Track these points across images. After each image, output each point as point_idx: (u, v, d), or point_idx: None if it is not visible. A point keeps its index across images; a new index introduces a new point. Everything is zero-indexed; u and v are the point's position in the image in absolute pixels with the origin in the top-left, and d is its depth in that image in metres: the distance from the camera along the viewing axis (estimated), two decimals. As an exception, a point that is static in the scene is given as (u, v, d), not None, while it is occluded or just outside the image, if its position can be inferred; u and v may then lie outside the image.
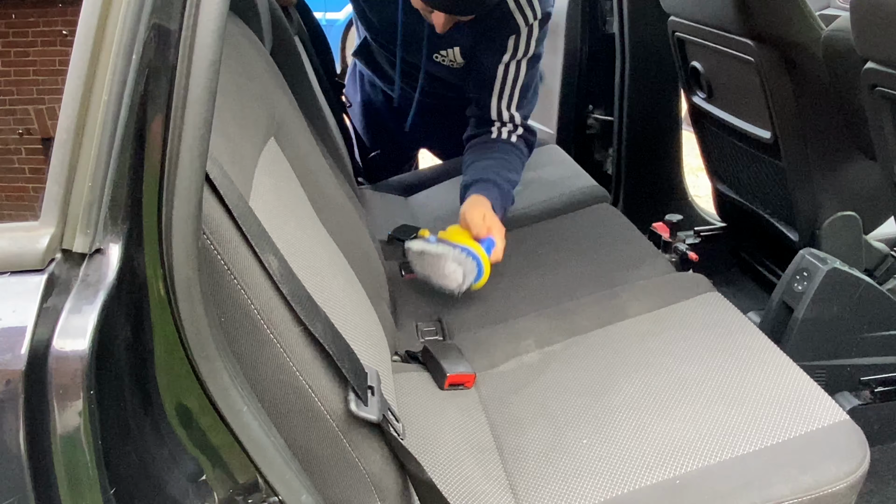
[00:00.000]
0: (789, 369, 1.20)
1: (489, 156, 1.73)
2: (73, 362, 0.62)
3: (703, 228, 2.33)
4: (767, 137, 1.82)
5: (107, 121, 0.64)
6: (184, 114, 0.67)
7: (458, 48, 1.77)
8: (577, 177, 2.04)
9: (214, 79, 0.67)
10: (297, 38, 1.86)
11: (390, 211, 2.00)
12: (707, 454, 1.06)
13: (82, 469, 0.64)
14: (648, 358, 1.28)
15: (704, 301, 1.43)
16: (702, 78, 2.01)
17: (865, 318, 1.64)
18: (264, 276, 0.82)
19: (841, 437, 1.07)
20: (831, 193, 1.83)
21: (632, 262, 1.63)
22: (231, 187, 0.82)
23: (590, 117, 2.56)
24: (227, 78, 1.03)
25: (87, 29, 0.64)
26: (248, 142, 1.05)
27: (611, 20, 2.38)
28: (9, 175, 0.75)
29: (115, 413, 0.66)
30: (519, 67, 1.71)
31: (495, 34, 1.69)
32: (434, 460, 1.11)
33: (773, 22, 1.66)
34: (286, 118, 1.30)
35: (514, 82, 1.72)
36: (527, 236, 1.79)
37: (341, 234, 1.33)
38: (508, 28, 1.68)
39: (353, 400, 0.88)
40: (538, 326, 1.42)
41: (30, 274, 0.64)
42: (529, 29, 1.68)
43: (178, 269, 0.68)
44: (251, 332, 0.82)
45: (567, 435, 1.14)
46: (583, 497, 1.03)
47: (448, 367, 1.29)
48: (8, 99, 0.75)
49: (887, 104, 1.40)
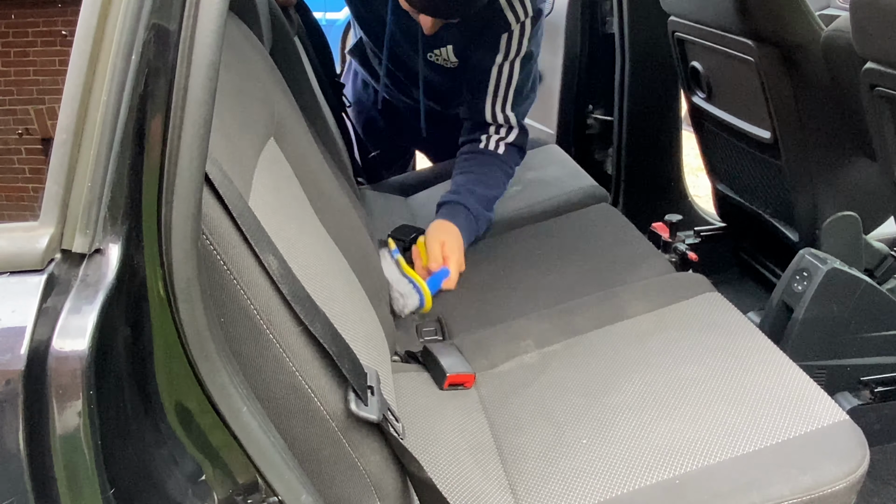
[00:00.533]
0: (789, 369, 1.20)
1: (471, 169, 1.74)
2: (73, 362, 0.62)
3: (703, 228, 2.33)
4: (767, 137, 1.82)
5: (106, 121, 0.64)
6: (183, 114, 0.67)
7: (450, 47, 1.76)
8: (577, 177, 2.04)
9: (214, 79, 0.67)
10: (297, 38, 1.86)
11: (390, 211, 2.00)
12: (707, 454, 1.06)
13: (82, 469, 0.64)
14: (648, 358, 1.28)
15: (704, 301, 1.42)
16: (702, 78, 2.01)
17: (865, 318, 1.64)
18: (264, 276, 0.82)
19: (841, 437, 1.07)
20: (831, 193, 1.83)
21: (632, 262, 1.63)
22: (231, 187, 0.82)
23: (590, 117, 2.56)
24: (227, 78, 1.03)
25: (87, 29, 0.64)
26: (248, 142, 1.05)
27: (611, 20, 2.38)
28: (9, 175, 0.75)
29: (115, 413, 0.66)
30: (513, 68, 1.71)
31: (487, 32, 1.69)
32: (434, 460, 1.11)
33: (773, 22, 1.66)
34: (286, 118, 1.30)
35: (508, 83, 1.72)
36: (527, 236, 1.79)
37: (341, 234, 1.33)
38: (500, 26, 1.67)
39: (352, 400, 0.88)
40: (538, 326, 1.42)
41: (29, 274, 0.64)
42: (521, 27, 1.67)
43: (178, 269, 0.68)
44: (251, 332, 0.82)
45: (567, 435, 1.14)
46: (583, 497, 1.03)
47: (448, 367, 1.29)
48: (8, 99, 0.75)
49: (887, 104, 1.40)
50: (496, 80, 1.72)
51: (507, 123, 1.75)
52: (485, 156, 1.76)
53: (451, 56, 1.78)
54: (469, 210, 1.69)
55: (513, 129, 1.76)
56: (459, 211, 1.68)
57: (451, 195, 1.72)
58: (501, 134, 1.76)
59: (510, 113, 1.74)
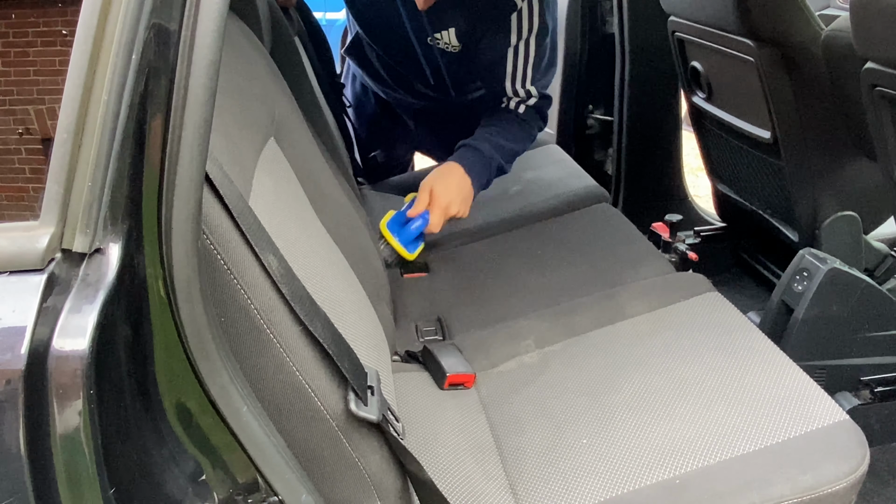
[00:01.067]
0: (789, 369, 1.20)
1: (490, 123, 1.70)
2: (73, 362, 0.62)
3: (703, 228, 2.33)
4: (767, 137, 1.82)
5: (106, 121, 0.64)
6: (183, 114, 0.67)
7: (452, 30, 1.71)
8: (577, 177, 2.05)
9: (214, 79, 0.67)
10: (297, 38, 1.86)
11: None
12: (707, 454, 1.06)
13: (82, 469, 0.64)
14: (648, 358, 1.28)
15: (704, 301, 1.43)
16: (702, 78, 2.01)
17: (865, 318, 1.64)
18: (264, 275, 0.82)
19: (841, 437, 1.07)
20: (831, 193, 1.83)
21: (631, 262, 1.63)
22: (231, 187, 0.82)
23: (589, 117, 2.56)
24: (227, 78, 1.03)
25: (87, 29, 0.64)
26: (248, 142, 1.05)
27: (611, 20, 2.38)
28: (9, 175, 0.75)
29: (115, 413, 0.66)
30: (528, 47, 1.66)
31: (493, 14, 1.64)
32: (434, 460, 1.11)
33: (773, 22, 1.66)
34: (286, 118, 1.30)
35: (526, 62, 1.67)
36: (527, 236, 1.79)
37: (341, 234, 1.33)
38: (506, 6, 1.62)
39: (352, 400, 0.88)
40: (538, 326, 1.42)
41: (29, 273, 0.64)
42: (529, 3, 1.62)
43: (178, 269, 0.68)
44: (251, 332, 0.82)
45: (567, 435, 1.14)
46: (583, 497, 1.03)
47: (448, 367, 1.29)
48: (8, 99, 0.75)
49: (887, 104, 1.40)
50: (513, 62, 1.67)
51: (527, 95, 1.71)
52: (505, 113, 1.71)
53: (454, 40, 1.73)
54: (482, 153, 1.64)
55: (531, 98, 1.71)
56: (470, 153, 1.64)
57: (466, 140, 1.67)
58: (522, 97, 1.71)
59: (531, 87, 1.70)
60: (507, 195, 1.94)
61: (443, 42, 1.76)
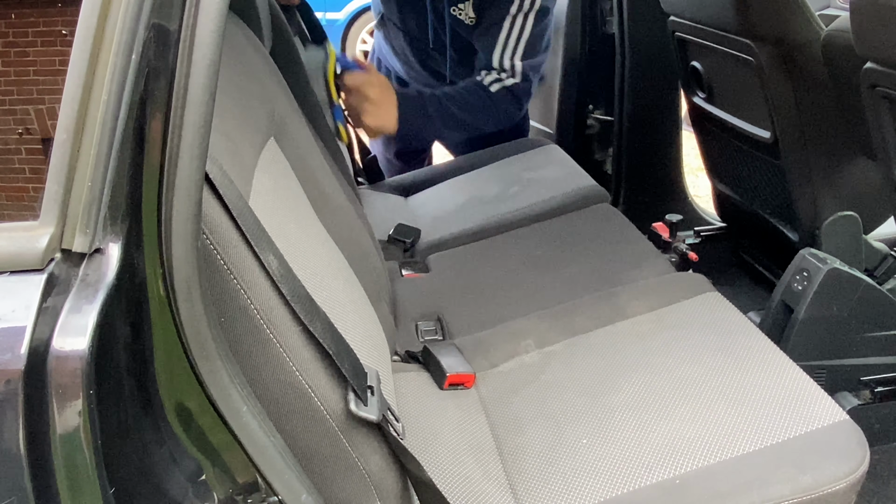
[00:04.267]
0: (789, 369, 1.20)
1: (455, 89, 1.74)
2: (73, 362, 0.62)
3: (703, 228, 2.33)
4: (767, 137, 1.82)
5: (106, 121, 0.64)
6: (183, 114, 0.67)
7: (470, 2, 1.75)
8: (577, 177, 2.04)
9: (214, 79, 0.68)
10: (297, 38, 1.86)
11: (390, 211, 2.00)
12: (707, 454, 1.06)
13: (82, 469, 0.64)
14: (648, 358, 1.28)
15: (704, 301, 1.42)
16: (702, 78, 2.01)
17: (865, 318, 1.64)
18: (264, 275, 0.82)
19: (841, 437, 1.07)
20: (831, 193, 1.83)
21: (632, 262, 1.63)
22: (231, 187, 0.82)
23: (590, 117, 2.55)
24: (227, 78, 1.03)
25: (87, 29, 0.64)
26: (248, 142, 1.05)
27: (611, 20, 2.38)
28: (9, 175, 0.75)
29: (115, 413, 0.66)
30: (525, 20, 1.70)
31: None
32: (434, 460, 1.11)
33: (773, 22, 1.66)
34: (286, 118, 1.30)
35: (520, 35, 1.71)
36: (527, 236, 1.79)
37: (341, 234, 1.33)
38: None
39: (352, 400, 0.88)
40: (538, 326, 1.42)
41: (29, 273, 0.64)
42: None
43: (178, 269, 0.68)
44: (251, 332, 0.82)
45: (567, 435, 1.14)
46: (583, 497, 1.03)
47: (448, 367, 1.29)
48: (8, 99, 0.75)
49: (887, 104, 1.40)
50: (507, 32, 1.71)
51: (511, 70, 1.73)
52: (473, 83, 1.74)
53: (471, 12, 1.77)
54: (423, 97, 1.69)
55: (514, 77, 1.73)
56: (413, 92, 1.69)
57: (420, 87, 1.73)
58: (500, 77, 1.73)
59: (517, 62, 1.72)
60: (507, 195, 1.94)
61: (463, 13, 1.79)
